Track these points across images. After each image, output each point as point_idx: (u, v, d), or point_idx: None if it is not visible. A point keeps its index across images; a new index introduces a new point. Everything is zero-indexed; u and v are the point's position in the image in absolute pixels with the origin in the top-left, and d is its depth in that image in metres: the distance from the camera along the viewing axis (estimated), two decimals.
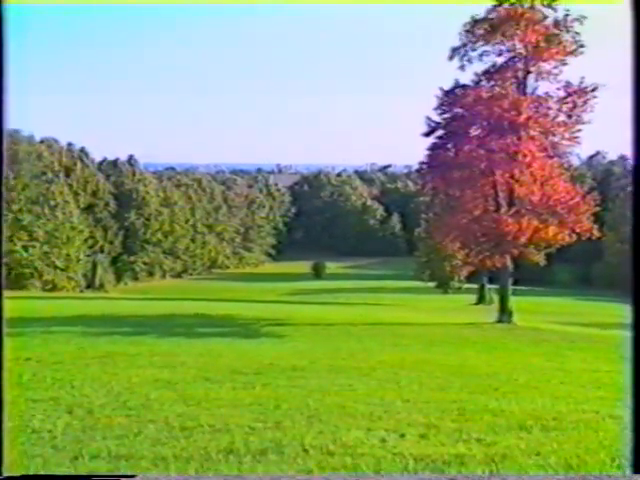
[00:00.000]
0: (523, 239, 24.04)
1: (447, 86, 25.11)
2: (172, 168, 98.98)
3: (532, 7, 24.29)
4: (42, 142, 68.19)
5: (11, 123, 4.70)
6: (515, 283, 26.73)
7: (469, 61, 24.87)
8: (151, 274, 77.21)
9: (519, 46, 24.38)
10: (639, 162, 3.63)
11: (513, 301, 25.43)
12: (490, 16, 24.48)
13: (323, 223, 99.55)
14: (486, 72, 24.87)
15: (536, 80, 24.79)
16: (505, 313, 24.82)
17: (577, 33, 24.02)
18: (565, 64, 24.29)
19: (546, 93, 24.76)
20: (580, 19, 24.01)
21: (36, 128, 66.52)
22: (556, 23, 24.22)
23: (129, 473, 4.22)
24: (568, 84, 24.25)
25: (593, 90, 24.11)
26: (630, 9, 4.27)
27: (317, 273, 79.81)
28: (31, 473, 5.12)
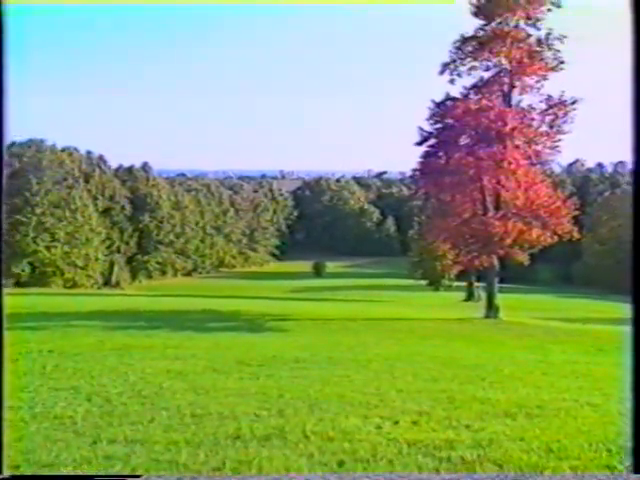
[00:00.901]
0: (509, 240, 24.06)
1: (438, 98, 25.20)
2: (183, 174, 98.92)
3: (517, 26, 24.38)
4: (63, 150, 68.18)
5: (13, 124, 4.50)
6: (501, 281, 26.67)
7: (459, 75, 24.91)
8: (164, 273, 77.14)
9: (504, 62, 24.43)
10: (639, 163, 3.55)
11: (499, 298, 25.40)
12: (478, 34, 24.56)
13: (323, 225, 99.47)
14: (474, 86, 24.92)
15: (520, 93, 24.84)
16: (492, 309, 24.80)
17: (558, 51, 24.10)
18: (546, 79, 24.37)
19: (529, 105, 24.81)
20: (561, 38, 24.09)
21: (36, 130, 65.67)
22: (539, 41, 24.30)
23: (138, 473, 4.13)
24: (549, 97, 24.33)
25: (573, 103, 24.19)
26: (630, 9, 4.05)
27: (318, 272, 79.68)
28: (52, 457, 5.12)
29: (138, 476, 4.13)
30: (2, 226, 3.56)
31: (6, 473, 3.72)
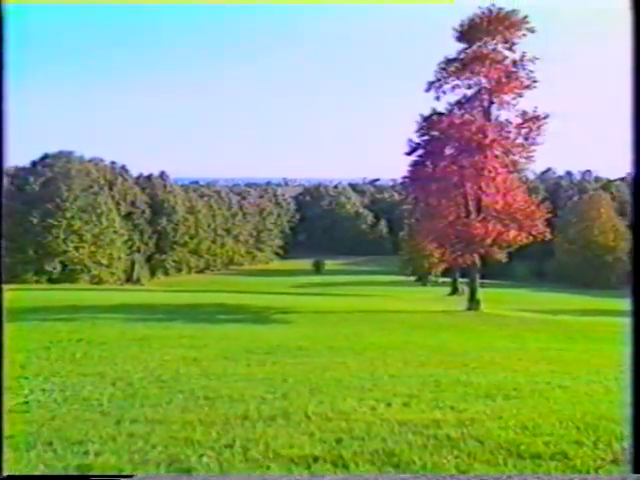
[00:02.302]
0: (489, 240, 24.08)
1: (426, 113, 25.27)
2: (196, 182, 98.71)
3: (495, 49, 24.45)
4: (90, 161, 68.11)
5: (14, 127, 4.14)
6: (482, 277, 26.69)
7: (444, 93, 24.99)
8: (179, 270, 77.03)
9: (484, 81, 24.47)
10: (639, 163, 3.43)
11: (480, 292, 25.42)
12: (461, 56, 24.65)
13: (322, 227, 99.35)
14: (457, 102, 24.97)
15: (498, 109, 24.89)
16: (474, 302, 24.81)
17: (531, 71, 24.20)
18: (521, 96, 24.42)
19: (507, 120, 24.89)
20: (533, 59, 24.18)
21: (36, 132, 63.87)
22: (514, 62, 24.39)
23: (128, 473, 3.97)
24: (524, 112, 24.40)
25: (545, 118, 24.25)
26: (630, 9, 3.77)
27: (317, 269, 79.47)
28: (82, 435, 5.12)
29: (130, 476, 3.98)
30: (2, 227, 3.50)
31: (5, 473, 3.62)
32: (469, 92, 24.80)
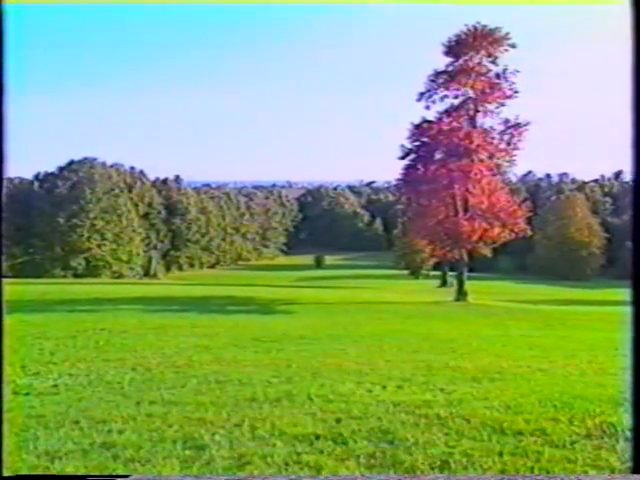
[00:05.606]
0: (475, 237, 24.13)
1: (417, 121, 25.31)
2: (208, 185, 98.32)
3: (480, 63, 24.51)
4: (112, 166, 68.14)
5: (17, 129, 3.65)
6: (469, 271, 26.67)
7: (433, 102, 25.04)
8: (192, 265, 76.94)
9: (470, 92, 24.53)
10: (638, 160, 3.36)
11: (468, 284, 25.40)
12: (449, 69, 24.70)
13: (323, 226, 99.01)
14: (446, 111, 24.99)
15: (483, 117, 24.96)
16: (462, 293, 24.82)
17: (513, 82, 24.29)
18: (504, 105, 24.52)
19: (491, 127, 24.95)
20: (514, 72, 24.30)
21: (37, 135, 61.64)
22: (497, 75, 24.48)
23: (123, 473, 3.90)
24: (507, 120, 24.48)
25: (526, 125, 24.32)
26: (630, 9, 3.71)
27: (318, 264, 79.25)
28: (105, 414, 5.14)
29: (127, 476, 3.83)
30: (2, 226, 3.48)
31: (6, 473, 3.60)
32: (456, 102, 24.85)
